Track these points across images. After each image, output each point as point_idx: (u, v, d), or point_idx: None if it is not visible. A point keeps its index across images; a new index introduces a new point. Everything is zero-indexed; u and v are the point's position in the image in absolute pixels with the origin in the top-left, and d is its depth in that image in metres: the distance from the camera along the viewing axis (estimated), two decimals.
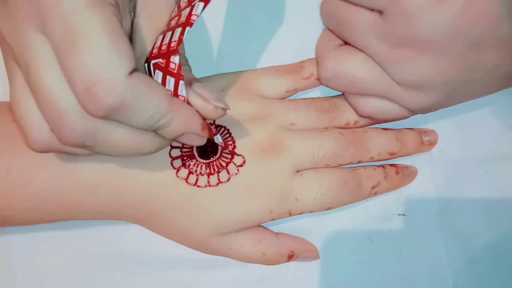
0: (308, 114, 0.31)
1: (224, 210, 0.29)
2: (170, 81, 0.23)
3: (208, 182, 0.29)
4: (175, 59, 0.23)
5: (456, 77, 0.26)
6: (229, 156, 0.29)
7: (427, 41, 0.25)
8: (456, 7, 0.24)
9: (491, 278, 0.32)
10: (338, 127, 0.31)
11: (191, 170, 0.29)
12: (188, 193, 0.29)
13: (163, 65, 0.23)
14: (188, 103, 0.24)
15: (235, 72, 0.32)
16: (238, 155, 0.29)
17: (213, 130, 0.26)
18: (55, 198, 0.29)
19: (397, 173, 0.32)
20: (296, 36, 0.32)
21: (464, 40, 0.25)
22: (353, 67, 0.28)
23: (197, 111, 0.25)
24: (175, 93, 0.24)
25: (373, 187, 0.31)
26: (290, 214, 0.30)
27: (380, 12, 0.26)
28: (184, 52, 0.29)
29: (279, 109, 0.31)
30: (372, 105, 0.30)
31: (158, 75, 0.24)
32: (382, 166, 0.32)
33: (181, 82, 0.23)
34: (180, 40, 0.23)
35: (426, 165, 0.33)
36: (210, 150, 0.30)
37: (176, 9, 0.25)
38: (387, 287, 0.32)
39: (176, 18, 0.24)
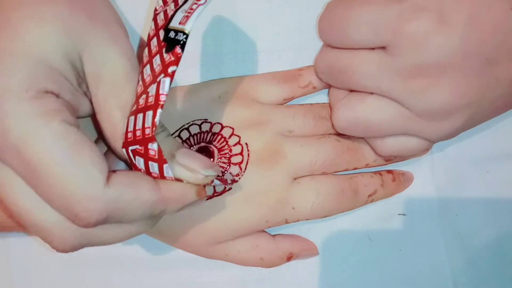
0: (306, 121, 0.31)
1: (220, 220, 0.29)
2: (154, 165, 0.23)
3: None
4: (154, 146, 0.22)
5: (476, 97, 0.26)
6: (226, 166, 0.29)
7: (440, 65, 0.25)
8: (460, 25, 0.24)
9: (491, 278, 0.32)
10: (335, 134, 0.31)
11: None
12: None
13: (142, 152, 0.23)
14: (177, 179, 0.24)
15: (233, 77, 0.32)
16: (234, 164, 0.29)
17: (211, 182, 0.25)
18: None
19: (393, 180, 0.32)
20: (296, 36, 0.32)
21: (476, 58, 0.24)
22: (365, 112, 0.28)
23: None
24: (162, 175, 0.23)
25: (369, 196, 0.31)
26: (287, 222, 0.30)
27: (383, 47, 0.25)
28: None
29: (277, 116, 0.31)
30: (391, 145, 0.29)
31: (140, 161, 0.23)
32: (379, 173, 0.32)
33: (165, 166, 0.23)
34: (154, 126, 0.22)
35: (427, 165, 0.33)
36: None
37: (141, 82, 0.24)
38: (387, 287, 0.32)
39: (144, 96, 0.23)
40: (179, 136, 0.30)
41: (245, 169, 0.29)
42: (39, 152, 0.21)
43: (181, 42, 0.22)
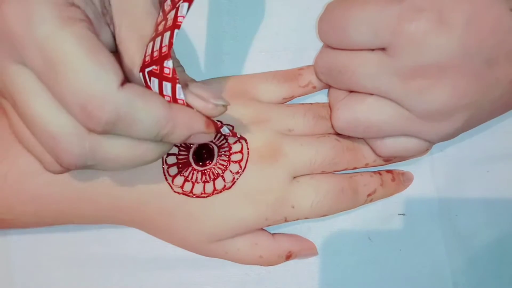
0: (306, 120, 0.31)
1: (219, 218, 0.29)
2: (167, 86, 0.23)
3: (204, 190, 0.29)
4: (169, 63, 0.23)
5: (476, 98, 0.26)
6: (226, 163, 0.29)
7: (440, 66, 0.25)
8: (460, 26, 0.24)
9: (491, 278, 0.32)
10: (335, 133, 0.31)
11: (187, 177, 0.29)
12: (183, 201, 0.29)
13: (158, 72, 0.23)
14: (188, 105, 0.24)
15: (233, 76, 0.32)
16: (234, 162, 0.29)
17: (218, 123, 0.25)
18: (53, 204, 0.29)
19: (393, 180, 0.32)
20: (296, 36, 0.32)
21: (476, 59, 0.24)
22: (365, 112, 0.28)
23: (198, 111, 0.25)
24: (174, 98, 0.24)
25: (369, 195, 0.31)
26: (286, 221, 0.30)
27: (383, 48, 0.25)
28: (175, 55, 0.28)
29: (277, 114, 0.31)
30: (390, 145, 0.29)
31: (154, 82, 0.24)
32: (379, 172, 0.32)
33: (178, 86, 0.23)
34: (170, 44, 0.23)
35: (427, 165, 0.33)
36: (205, 157, 0.29)
37: (161, 13, 0.25)
38: (387, 287, 0.32)
39: (163, 22, 0.24)
40: None
41: (245, 167, 0.29)
42: (61, 48, 0.21)
43: None
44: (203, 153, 0.29)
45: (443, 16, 0.24)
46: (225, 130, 0.27)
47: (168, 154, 0.30)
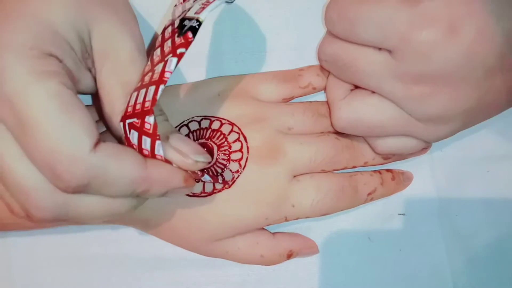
0: (305, 118, 0.31)
1: (219, 217, 0.29)
2: (146, 141, 0.23)
3: (204, 189, 0.29)
4: (150, 119, 0.22)
5: (474, 104, 0.26)
6: (225, 162, 0.29)
7: (445, 75, 0.25)
8: (469, 38, 0.23)
9: (491, 278, 0.32)
10: (334, 132, 0.31)
11: None
12: (183, 200, 0.29)
13: (138, 125, 0.23)
14: (167, 160, 0.24)
15: (233, 76, 0.32)
16: (234, 160, 0.29)
17: (198, 173, 0.25)
18: None
19: (393, 179, 0.32)
20: (296, 36, 0.32)
21: (480, 68, 0.24)
22: (368, 113, 0.28)
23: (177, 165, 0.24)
24: (152, 153, 0.23)
25: (369, 194, 0.31)
26: (286, 220, 0.30)
27: (389, 51, 0.25)
28: (159, 103, 0.27)
29: (276, 113, 0.31)
30: (390, 145, 0.29)
31: (134, 135, 0.23)
32: (379, 171, 0.32)
33: (158, 142, 0.23)
34: (154, 100, 0.22)
35: (427, 164, 0.33)
36: None
37: (149, 63, 0.25)
38: (387, 287, 0.32)
39: (150, 74, 0.24)
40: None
41: (245, 165, 0.29)
42: (32, 106, 0.21)
43: (194, 28, 0.23)
44: None
45: (453, 28, 0.23)
46: (206, 178, 0.26)
47: None
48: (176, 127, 0.30)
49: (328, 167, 0.30)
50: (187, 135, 0.30)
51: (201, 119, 0.30)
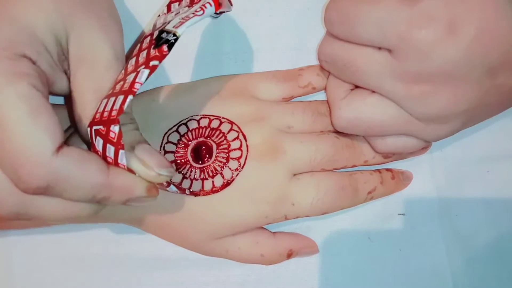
0: (305, 117, 0.31)
1: (219, 216, 0.29)
2: (111, 149, 0.23)
3: (203, 188, 0.29)
4: (115, 128, 0.22)
5: (475, 104, 0.26)
6: (224, 160, 0.29)
7: (444, 74, 0.25)
8: (469, 37, 0.24)
9: (491, 278, 0.32)
10: (334, 130, 0.31)
11: (185, 175, 0.29)
12: (182, 199, 0.29)
13: (104, 133, 0.23)
14: (130, 170, 0.24)
15: (232, 75, 0.32)
16: (233, 159, 0.29)
17: (164, 183, 0.25)
18: None
19: (393, 178, 0.32)
20: (296, 36, 0.32)
21: (480, 68, 0.24)
22: (368, 112, 0.28)
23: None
24: (115, 162, 0.23)
25: (369, 193, 0.31)
26: (286, 218, 0.30)
27: (389, 50, 0.25)
28: (131, 110, 0.27)
29: (276, 112, 0.31)
30: (390, 144, 0.29)
31: (99, 142, 0.23)
32: (379, 170, 0.32)
33: (121, 152, 0.23)
34: (121, 110, 0.22)
35: (427, 164, 0.33)
36: (204, 154, 0.29)
37: (123, 71, 0.25)
38: (387, 287, 0.32)
39: (121, 82, 0.24)
40: (177, 131, 0.30)
41: (244, 164, 0.29)
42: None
43: (170, 42, 0.23)
44: (202, 150, 0.29)
45: (453, 27, 0.24)
46: (172, 188, 0.27)
47: (166, 152, 0.30)
48: (175, 125, 0.30)
49: (328, 166, 0.30)
50: (186, 134, 0.30)
51: (200, 118, 0.30)
